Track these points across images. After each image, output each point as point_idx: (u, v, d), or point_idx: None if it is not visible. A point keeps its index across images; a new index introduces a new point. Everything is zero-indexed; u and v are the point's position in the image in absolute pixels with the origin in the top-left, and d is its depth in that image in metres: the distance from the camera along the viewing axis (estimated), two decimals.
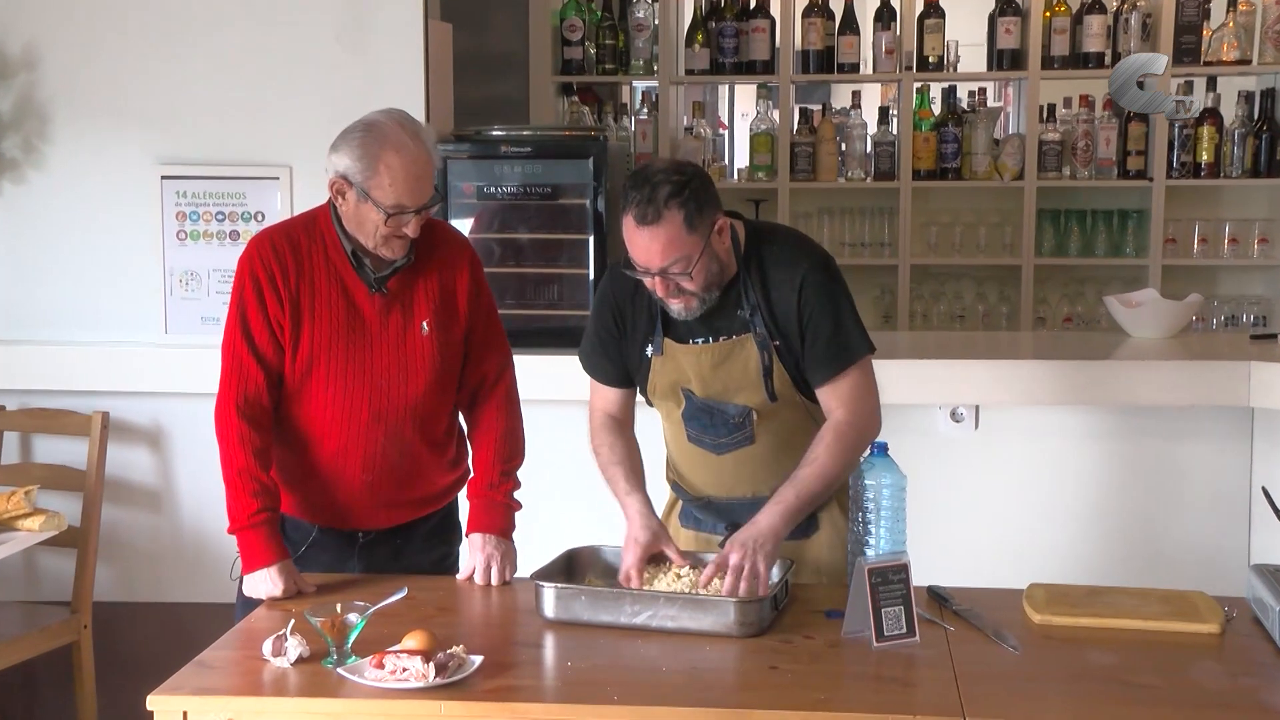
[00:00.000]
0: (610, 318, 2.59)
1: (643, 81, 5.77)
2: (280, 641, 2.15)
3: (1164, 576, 2.73)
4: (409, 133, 2.46)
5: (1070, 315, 5.51)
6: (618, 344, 2.58)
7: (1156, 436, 3.54)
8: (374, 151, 2.42)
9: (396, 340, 2.57)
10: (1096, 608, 2.34)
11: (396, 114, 2.50)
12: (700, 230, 2.36)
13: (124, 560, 3.82)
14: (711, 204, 2.39)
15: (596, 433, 2.63)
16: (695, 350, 2.50)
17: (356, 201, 2.45)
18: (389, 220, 2.43)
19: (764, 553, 2.33)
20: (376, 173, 2.42)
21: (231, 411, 2.52)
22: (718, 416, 2.53)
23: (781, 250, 2.50)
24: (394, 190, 2.42)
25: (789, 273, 2.46)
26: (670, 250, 2.34)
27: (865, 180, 5.54)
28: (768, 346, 2.46)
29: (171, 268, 3.69)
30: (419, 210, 2.46)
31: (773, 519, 2.38)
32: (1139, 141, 5.30)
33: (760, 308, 2.46)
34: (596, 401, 2.66)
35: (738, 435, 2.53)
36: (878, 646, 2.17)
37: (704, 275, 2.39)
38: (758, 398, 2.49)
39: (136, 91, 3.68)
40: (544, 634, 2.29)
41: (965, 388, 3.48)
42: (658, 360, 2.54)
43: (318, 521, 2.66)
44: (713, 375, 2.50)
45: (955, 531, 3.50)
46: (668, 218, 2.32)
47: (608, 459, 2.58)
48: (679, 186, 2.34)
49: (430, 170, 2.48)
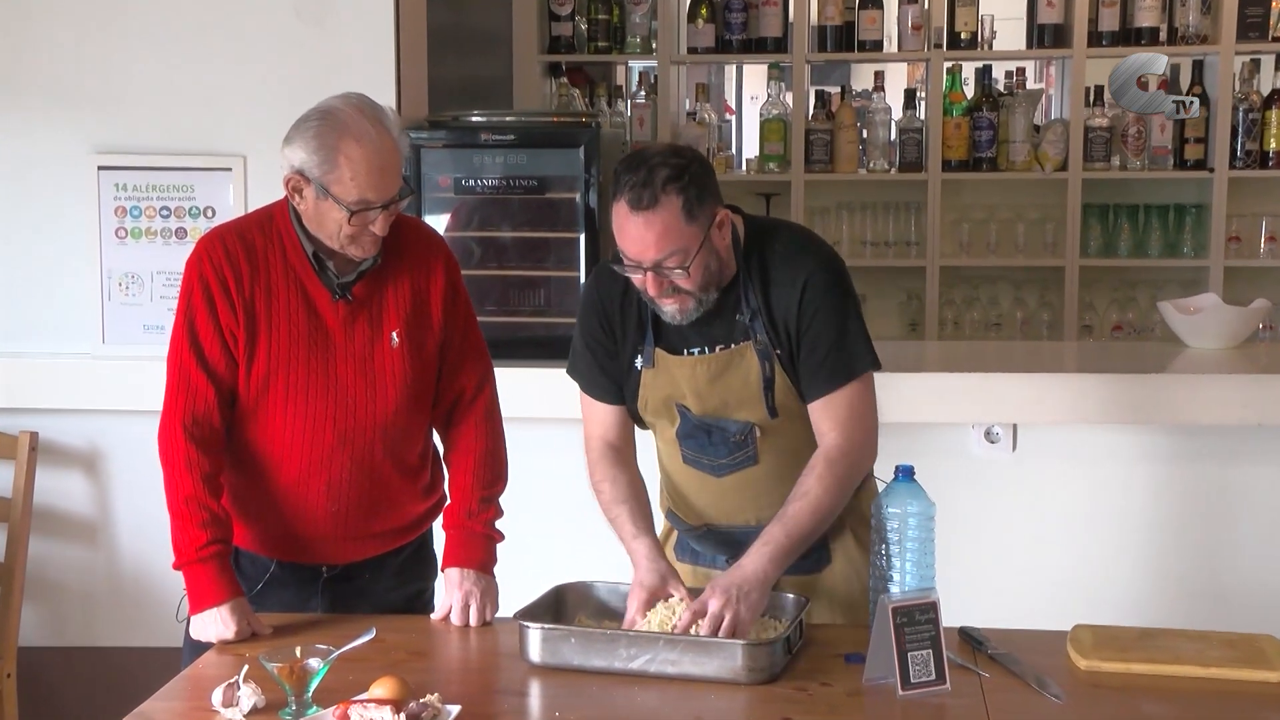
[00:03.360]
0: (598, 324, 2.59)
1: (640, 61, 5.80)
2: (232, 690, 2.16)
3: (1227, 618, 2.74)
4: (370, 119, 2.46)
5: (1120, 323, 5.53)
6: (609, 353, 2.59)
7: (1218, 460, 3.55)
8: (331, 142, 2.43)
9: (363, 353, 2.58)
10: (1150, 652, 2.34)
11: (356, 98, 2.50)
12: (699, 221, 2.37)
13: (54, 600, 3.82)
14: (712, 193, 2.40)
15: (595, 466, 2.63)
16: (690, 362, 2.51)
17: (315, 199, 2.46)
18: (353, 218, 2.44)
19: (748, 602, 2.32)
20: (336, 166, 2.43)
21: (178, 432, 2.52)
22: (716, 435, 2.54)
23: (786, 247, 2.50)
24: (356, 185, 2.43)
25: (792, 272, 2.46)
26: (666, 241, 2.35)
27: (889, 172, 5.57)
28: (769, 355, 2.47)
29: (110, 269, 3.70)
30: (386, 206, 2.47)
31: (759, 563, 2.37)
32: (1198, 127, 5.32)
33: (760, 312, 2.47)
34: (592, 428, 2.66)
35: (739, 455, 2.55)
36: (903, 695, 2.17)
37: (701, 273, 2.40)
38: (760, 413, 2.50)
39: (69, 70, 3.69)
40: (529, 680, 2.29)
41: (1001, 405, 3.49)
42: (648, 373, 2.54)
43: (276, 555, 2.66)
44: (710, 390, 2.51)
45: (990, 565, 3.51)
46: (665, 204, 2.33)
47: (610, 497, 2.59)
48: (678, 171, 2.34)
49: (397, 160, 2.49)
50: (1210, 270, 5.35)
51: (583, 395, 2.66)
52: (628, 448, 2.65)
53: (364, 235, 2.48)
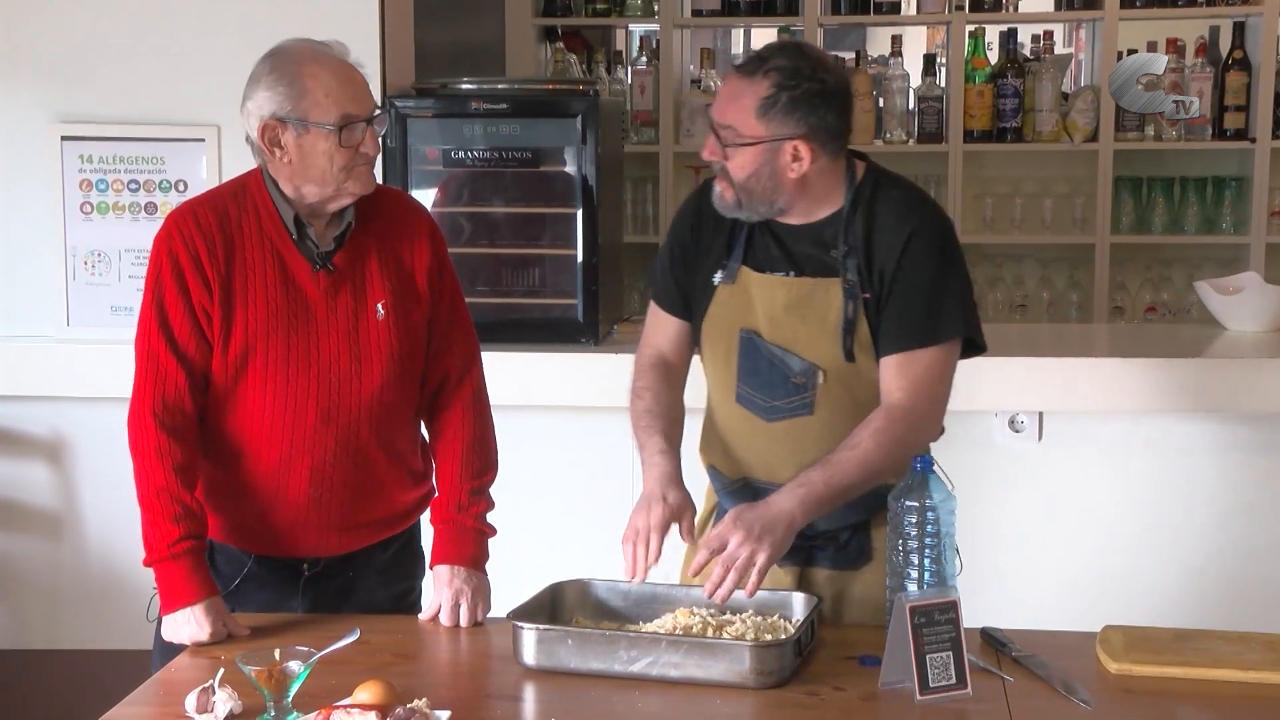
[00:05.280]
0: (688, 229, 2.67)
1: (641, 24, 5.79)
2: (207, 695, 2.16)
3: (1267, 618, 2.75)
4: (319, 45, 2.53)
5: (1154, 304, 5.52)
6: (689, 264, 2.66)
7: (1259, 450, 3.55)
8: (292, 71, 2.48)
9: (347, 326, 2.58)
10: (1186, 655, 2.34)
11: (298, 38, 2.57)
12: (769, 123, 2.45)
13: (16, 599, 3.83)
14: (809, 121, 2.46)
15: (642, 372, 2.69)
16: (773, 282, 2.56)
17: (297, 138, 2.49)
18: (342, 138, 2.47)
19: (770, 540, 2.35)
20: (306, 92, 2.47)
21: (148, 420, 2.52)
22: (778, 371, 2.56)
23: (903, 194, 2.58)
24: (333, 100, 2.48)
25: (903, 220, 2.53)
26: (730, 111, 2.48)
27: (907, 143, 5.56)
28: (855, 296, 2.51)
29: (75, 247, 3.70)
30: (370, 120, 2.51)
31: (790, 503, 2.40)
32: (1239, 95, 5.32)
33: (858, 252, 2.52)
34: (651, 335, 2.73)
35: (795, 400, 2.56)
36: (922, 700, 2.18)
37: (748, 170, 2.48)
38: (831, 355, 2.53)
39: (29, 33, 3.68)
40: (523, 684, 2.30)
41: (1026, 391, 3.50)
42: (724, 290, 2.59)
43: (254, 549, 2.66)
44: (785, 316, 2.55)
45: (1014, 562, 3.51)
46: (753, 83, 2.46)
47: (648, 405, 2.63)
48: (792, 76, 2.44)
49: (361, 77, 2.55)
50: (1251, 247, 5.34)
51: (651, 306, 2.74)
52: (680, 369, 2.72)
53: (358, 163, 2.51)
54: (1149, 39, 5.51)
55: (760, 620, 2.39)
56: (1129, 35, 5.46)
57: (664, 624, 2.39)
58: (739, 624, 2.37)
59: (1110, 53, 5.38)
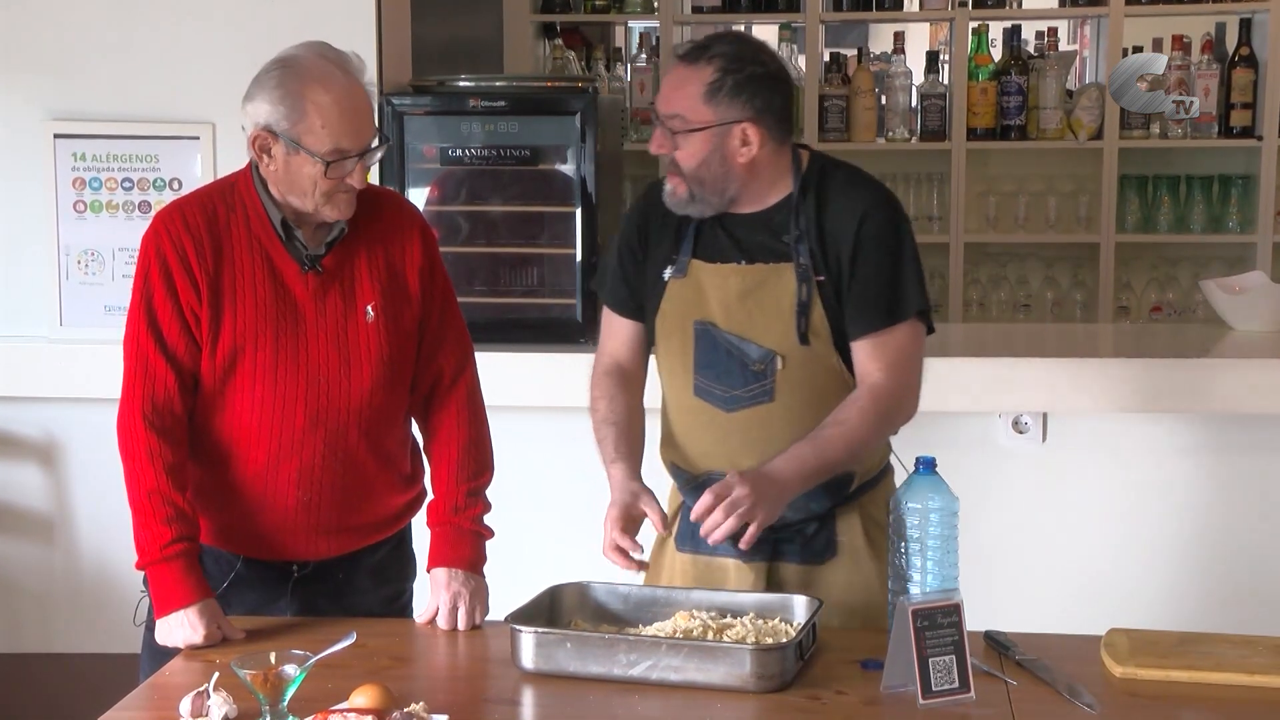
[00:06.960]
0: (635, 229, 2.71)
1: (641, 21, 5.79)
2: (201, 699, 2.16)
3: (1274, 621, 2.75)
4: (335, 63, 2.50)
5: (1159, 304, 5.53)
6: (639, 264, 2.70)
7: (1265, 451, 3.55)
8: (296, 90, 2.46)
9: (336, 328, 2.58)
10: (1191, 659, 2.34)
11: (317, 45, 2.54)
12: (716, 107, 2.50)
13: (7, 603, 3.83)
14: (754, 105, 2.50)
15: (598, 381, 2.74)
16: (725, 271, 2.60)
17: (286, 155, 2.48)
18: (328, 171, 2.46)
19: (767, 502, 2.41)
20: (304, 115, 2.45)
21: (138, 422, 2.52)
22: (735, 359, 2.58)
23: (850, 176, 2.63)
24: (329, 133, 2.46)
25: (853, 202, 2.57)
26: (676, 99, 2.52)
27: (910, 141, 5.56)
28: (808, 279, 2.55)
29: (67, 246, 3.70)
30: (362, 154, 2.49)
31: (788, 472, 2.46)
32: (1245, 92, 5.32)
33: (810, 236, 2.56)
34: (607, 342, 2.78)
35: (754, 387, 2.59)
36: (924, 704, 2.18)
37: (698, 155, 2.52)
38: (787, 339, 2.56)
39: (23, 30, 3.68)
40: (521, 688, 2.30)
41: (1030, 392, 3.50)
42: (675, 284, 2.63)
43: (242, 552, 2.66)
44: (739, 305, 2.58)
45: (1018, 565, 3.51)
46: (699, 70, 2.50)
47: (603, 416, 2.70)
48: (734, 60, 2.49)
49: (367, 105, 2.53)
50: (1257, 247, 5.35)
51: (605, 312, 2.78)
52: (636, 372, 2.76)
53: (340, 191, 2.50)
54: (1154, 35, 5.53)
55: (761, 623, 2.39)
56: (1134, 31, 5.46)
57: (664, 627, 2.40)
58: (739, 627, 2.37)
59: (1115, 49, 5.39)
